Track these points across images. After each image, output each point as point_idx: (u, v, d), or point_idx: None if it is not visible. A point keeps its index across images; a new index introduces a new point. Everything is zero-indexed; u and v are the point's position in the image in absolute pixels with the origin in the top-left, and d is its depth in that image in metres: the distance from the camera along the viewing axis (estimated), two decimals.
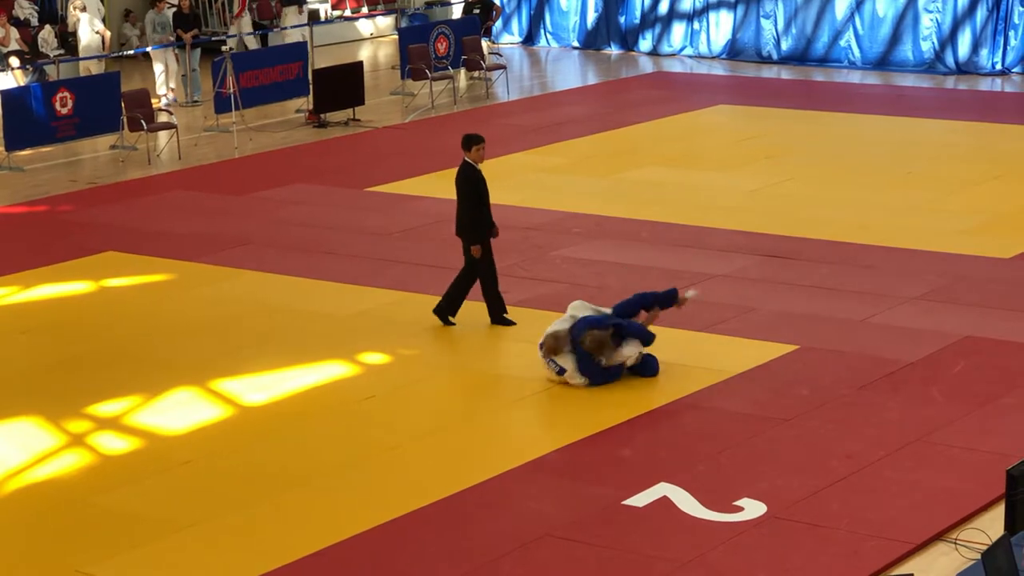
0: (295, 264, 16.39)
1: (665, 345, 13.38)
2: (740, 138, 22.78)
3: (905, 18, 27.91)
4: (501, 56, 28.95)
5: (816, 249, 16.49)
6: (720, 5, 29.72)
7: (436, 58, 26.57)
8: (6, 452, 11.71)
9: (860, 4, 28.27)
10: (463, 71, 27.69)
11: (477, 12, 29.64)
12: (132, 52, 27.37)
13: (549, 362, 12.74)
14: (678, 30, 30.27)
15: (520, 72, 29.45)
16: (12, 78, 24.79)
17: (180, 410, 12.48)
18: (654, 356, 12.92)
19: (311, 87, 24.45)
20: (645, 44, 30.60)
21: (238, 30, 28.32)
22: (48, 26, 27.21)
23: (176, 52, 26.02)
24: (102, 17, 26.90)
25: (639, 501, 10.53)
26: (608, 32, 31.14)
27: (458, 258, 14.30)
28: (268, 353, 13.74)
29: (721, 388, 12.64)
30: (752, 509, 10.34)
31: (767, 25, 29.20)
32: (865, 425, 11.82)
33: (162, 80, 25.56)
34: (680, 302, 13.35)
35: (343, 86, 24.29)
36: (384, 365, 13.49)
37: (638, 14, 30.62)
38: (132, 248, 17.19)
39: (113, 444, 11.84)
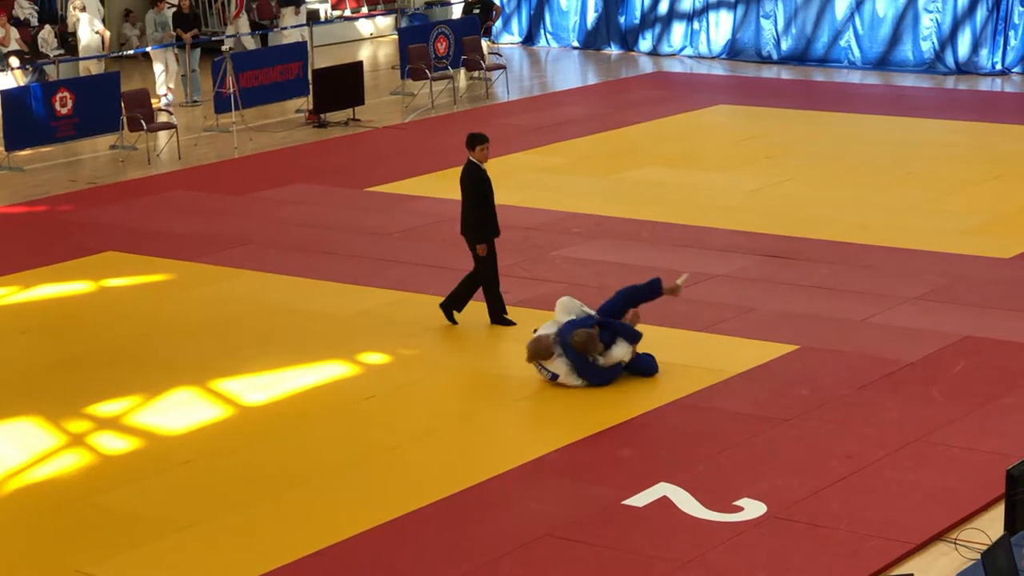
0: (295, 264, 16.39)
1: (665, 345, 13.39)
2: (740, 138, 22.77)
3: (905, 18, 27.90)
4: (501, 56, 28.94)
5: (816, 249, 16.49)
6: (720, 5, 29.72)
7: (436, 58, 26.57)
8: (6, 452, 11.71)
9: (860, 4, 28.26)
10: (463, 71, 27.69)
11: (477, 12, 29.64)
12: (132, 52, 27.38)
13: (540, 369, 12.72)
14: (678, 30, 30.26)
15: (520, 72, 29.45)
16: (12, 78, 24.78)
17: (180, 410, 12.48)
18: (652, 355, 12.91)
19: (311, 87, 24.45)
20: (645, 44, 30.60)
21: (235, 31, 28.30)
22: (48, 26, 27.22)
23: (176, 52, 26.02)
24: (102, 17, 26.89)
25: (639, 501, 10.53)
26: (608, 32, 31.13)
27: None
28: (268, 353, 13.74)
29: (721, 388, 12.64)
30: (752, 509, 10.33)
31: (767, 25, 29.19)
32: (865, 425, 11.82)
33: (162, 80, 25.55)
34: (673, 290, 13.32)
35: (343, 86, 24.28)
36: (384, 365, 13.49)
37: (638, 14, 30.62)
38: (132, 248, 17.19)
39: (113, 444, 11.84)
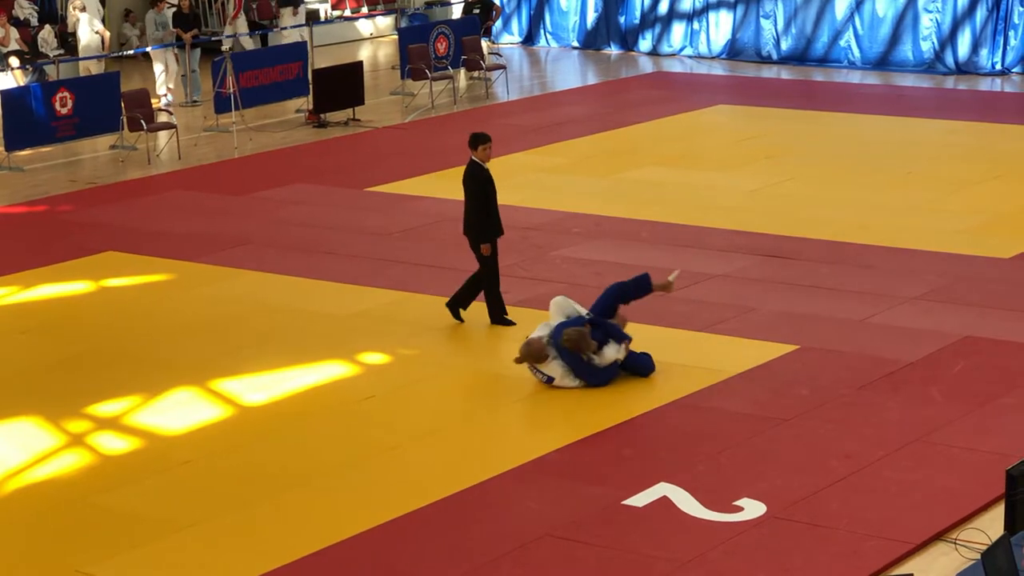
0: (295, 264, 16.39)
1: (665, 345, 13.39)
2: (740, 138, 22.77)
3: (905, 18, 27.90)
4: (501, 56, 28.95)
5: (816, 249, 16.48)
6: (720, 5, 29.72)
7: (436, 58, 26.57)
8: (6, 452, 11.71)
9: (860, 4, 28.26)
10: (463, 71, 27.69)
11: (477, 12, 29.64)
12: (132, 52, 27.38)
13: (535, 372, 12.72)
14: (678, 30, 30.26)
15: (520, 72, 29.45)
16: (12, 78, 24.78)
17: (180, 410, 12.48)
18: (648, 354, 12.92)
19: (311, 87, 24.45)
20: (645, 44, 30.60)
21: (233, 31, 28.29)
22: (48, 26, 27.22)
23: (176, 52, 26.02)
24: (101, 17, 26.89)
25: (639, 501, 10.53)
26: (608, 32, 31.13)
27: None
28: (268, 353, 13.74)
29: (721, 388, 12.64)
30: (752, 509, 10.33)
31: (767, 25, 29.19)
32: (865, 425, 11.82)
33: (162, 80, 25.56)
34: (665, 287, 13.32)
35: (343, 86, 24.28)
36: (384, 365, 13.49)
37: (638, 14, 30.62)
38: (132, 248, 17.19)
39: (113, 444, 11.84)
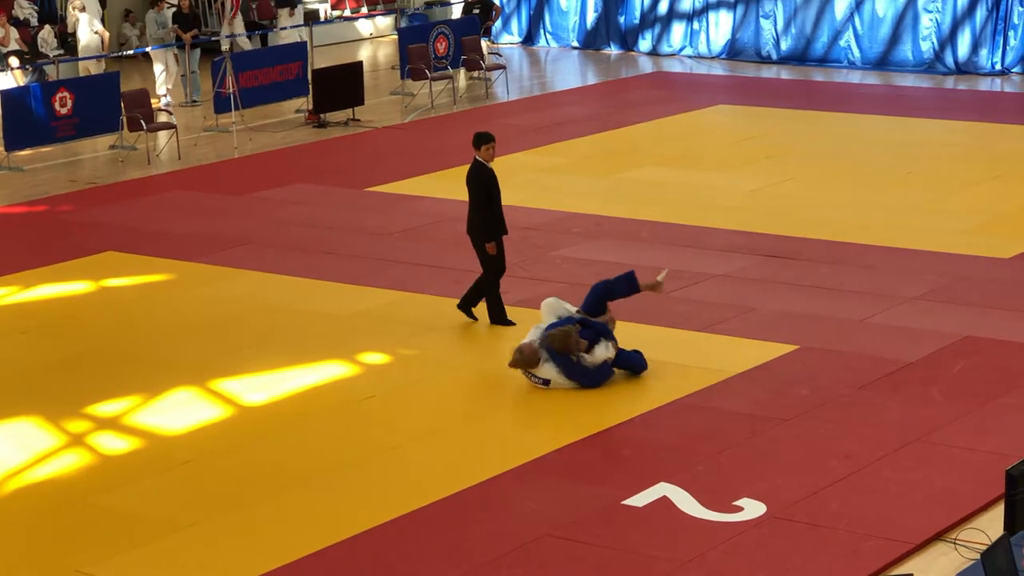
0: (295, 264, 16.39)
1: (665, 345, 13.40)
2: (740, 138, 22.77)
3: (905, 18, 27.91)
4: (501, 56, 28.94)
5: (816, 249, 16.49)
6: (720, 5, 29.72)
7: (436, 58, 26.57)
8: (6, 452, 11.71)
9: (860, 4, 28.26)
10: (463, 71, 27.70)
11: (477, 12, 29.65)
12: (132, 52, 27.37)
13: (531, 377, 12.71)
14: (678, 30, 30.26)
15: (520, 72, 29.45)
16: (12, 78, 24.79)
17: (180, 410, 12.48)
18: (639, 352, 12.92)
19: (311, 87, 24.45)
20: (645, 44, 30.60)
21: (230, 31, 28.28)
22: (48, 26, 27.23)
23: (176, 53, 26.01)
24: (101, 17, 26.88)
25: (639, 501, 10.53)
26: (608, 32, 31.13)
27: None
28: (268, 353, 13.74)
29: (721, 388, 12.64)
30: (752, 509, 10.33)
31: (767, 25, 29.20)
32: (865, 425, 11.82)
33: (162, 80, 25.56)
34: (653, 287, 13.32)
35: (343, 86, 24.29)
36: (384, 365, 13.49)
37: (638, 14, 30.62)
38: (132, 248, 17.19)
39: (113, 444, 11.84)
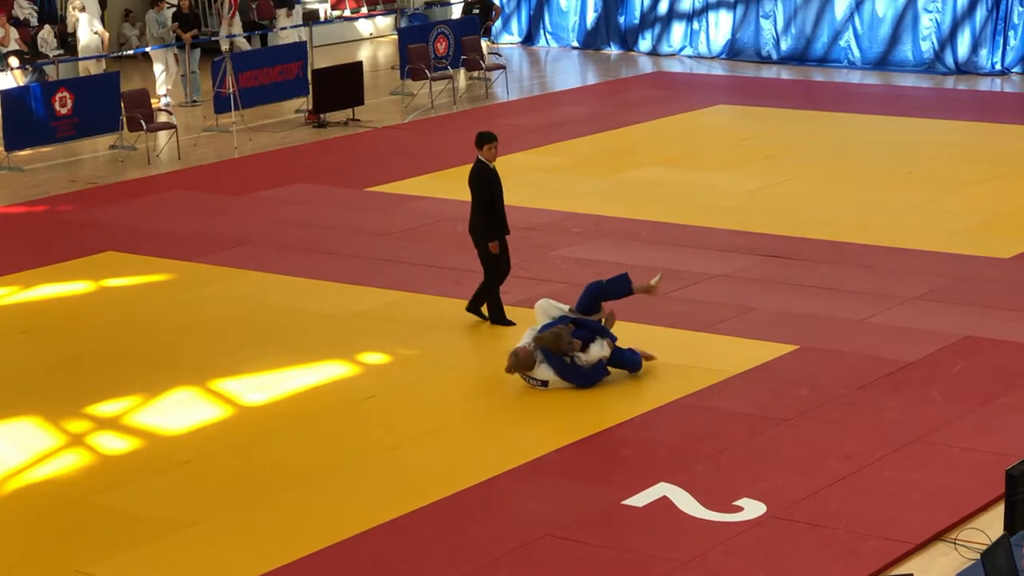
0: (295, 264, 16.39)
1: (665, 345, 13.39)
2: (740, 138, 22.77)
3: (905, 18, 27.91)
4: (500, 56, 28.94)
5: (816, 249, 16.49)
6: (720, 5, 29.72)
7: (436, 58, 26.57)
8: (6, 452, 11.71)
9: (860, 4, 28.26)
10: (463, 71, 27.69)
11: (477, 12, 29.63)
12: (132, 52, 27.37)
13: (528, 380, 12.71)
14: (678, 30, 30.26)
15: (520, 72, 29.45)
16: (12, 78, 24.79)
17: (180, 410, 12.48)
18: (633, 350, 12.91)
19: (311, 87, 24.45)
20: (645, 44, 30.60)
21: (228, 31, 28.27)
22: (48, 26, 27.23)
23: (176, 53, 26.00)
24: (101, 17, 26.87)
25: (639, 501, 10.53)
26: (608, 32, 31.13)
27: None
28: (268, 353, 13.73)
29: (721, 388, 12.64)
30: (752, 509, 10.34)
31: (767, 25, 29.19)
32: (865, 425, 11.82)
33: (162, 80, 25.56)
34: (647, 289, 13.32)
35: (343, 86, 24.29)
36: (384, 365, 13.49)
37: (637, 14, 30.62)
38: (132, 248, 17.19)
39: (113, 444, 11.84)
